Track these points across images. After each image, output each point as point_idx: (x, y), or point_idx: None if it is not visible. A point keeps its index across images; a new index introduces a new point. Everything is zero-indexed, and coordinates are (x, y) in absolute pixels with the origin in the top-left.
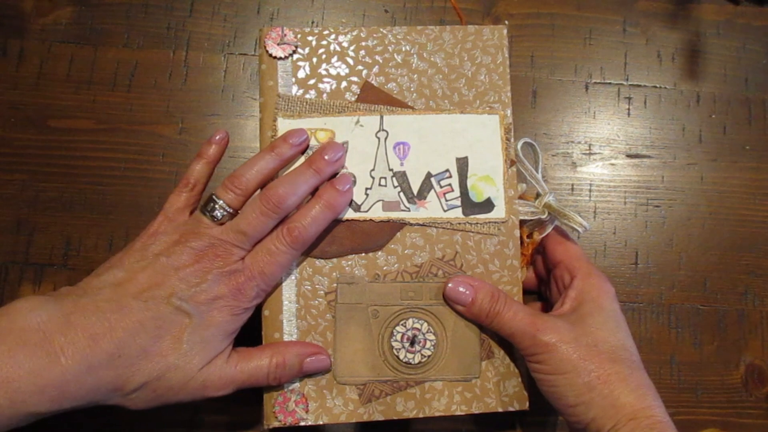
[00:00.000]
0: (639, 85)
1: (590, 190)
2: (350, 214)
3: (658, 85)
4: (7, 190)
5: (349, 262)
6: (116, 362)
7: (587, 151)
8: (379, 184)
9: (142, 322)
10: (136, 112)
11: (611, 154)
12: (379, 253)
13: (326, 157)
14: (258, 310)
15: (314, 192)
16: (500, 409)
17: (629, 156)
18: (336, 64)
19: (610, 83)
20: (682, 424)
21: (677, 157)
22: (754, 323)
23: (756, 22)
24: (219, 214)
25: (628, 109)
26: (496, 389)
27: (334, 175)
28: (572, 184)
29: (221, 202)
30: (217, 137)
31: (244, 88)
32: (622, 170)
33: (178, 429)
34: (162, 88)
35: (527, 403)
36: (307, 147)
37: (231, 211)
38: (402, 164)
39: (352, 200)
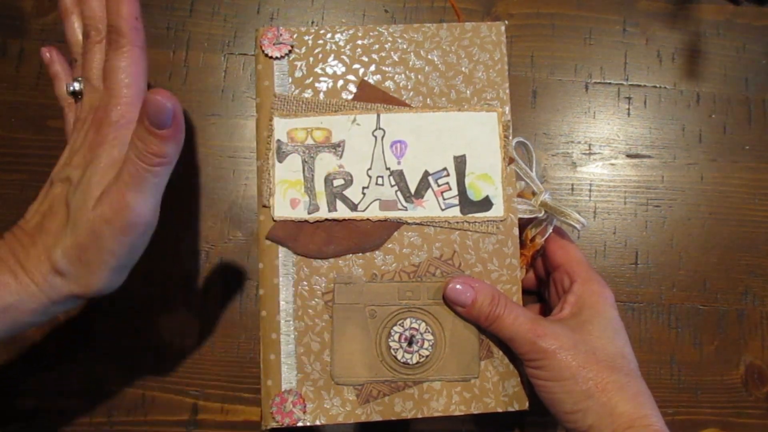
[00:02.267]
0: (639, 85)
1: (590, 190)
2: (347, 213)
3: (658, 85)
4: (7, 190)
5: (347, 262)
6: (36, 251)
7: (587, 151)
8: (376, 183)
9: (42, 211)
10: None
11: (611, 154)
12: (377, 252)
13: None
14: (255, 310)
15: None
16: (499, 410)
17: (629, 156)
18: (332, 63)
19: (610, 83)
20: (682, 424)
21: (677, 157)
22: (754, 323)
23: (756, 22)
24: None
25: (628, 109)
26: (495, 389)
27: None
28: (572, 184)
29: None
30: None
31: (244, 88)
32: (622, 170)
33: (178, 429)
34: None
35: (527, 403)
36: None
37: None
38: (399, 163)
39: (348, 199)
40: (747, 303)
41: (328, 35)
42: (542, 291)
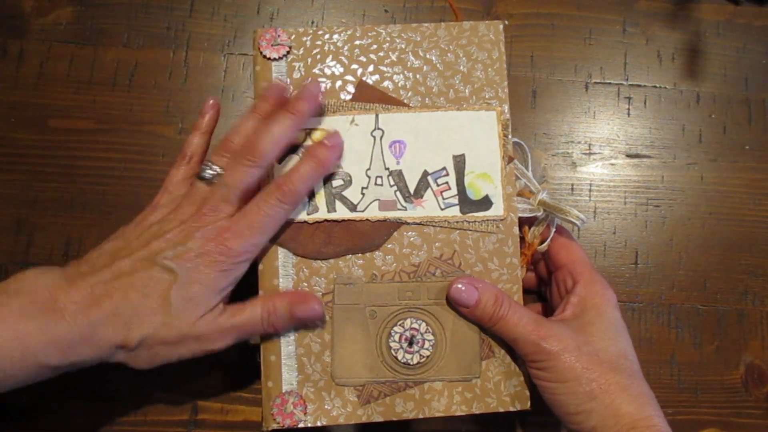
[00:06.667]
0: (639, 85)
1: (590, 190)
2: (347, 213)
3: (658, 85)
4: (7, 190)
5: (347, 263)
6: (114, 320)
7: (587, 151)
8: (375, 184)
9: (132, 282)
10: (136, 112)
11: (611, 154)
12: (377, 252)
13: (303, 99)
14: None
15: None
16: (501, 409)
17: (629, 156)
18: (330, 64)
19: (610, 83)
20: (682, 424)
21: (677, 157)
22: (754, 323)
23: (756, 22)
24: (208, 175)
25: (628, 109)
26: (496, 389)
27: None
28: (572, 184)
29: (214, 165)
30: (209, 104)
31: (244, 88)
32: (622, 170)
33: (178, 429)
34: (162, 88)
35: (529, 403)
36: (287, 97)
37: (221, 171)
38: (398, 163)
39: (347, 200)
40: (747, 303)
41: (326, 36)
42: (543, 290)
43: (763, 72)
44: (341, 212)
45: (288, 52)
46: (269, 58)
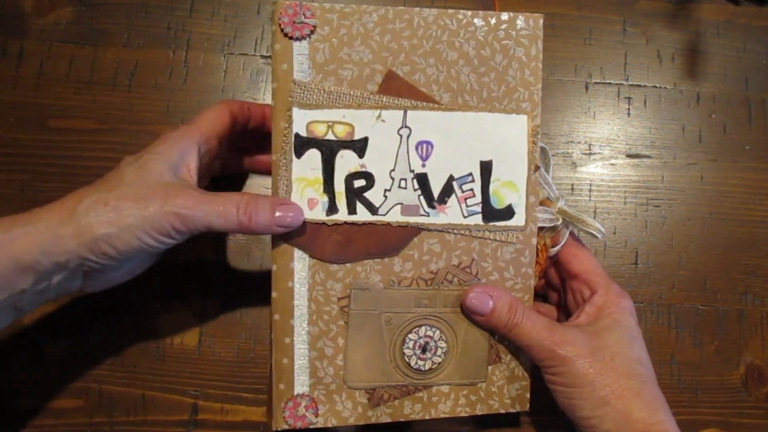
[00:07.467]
0: (639, 85)
1: (590, 190)
2: (367, 216)
3: (658, 85)
4: (7, 190)
5: (364, 267)
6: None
7: (587, 151)
8: (399, 186)
9: None
10: (136, 112)
11: (611, 154)
12: (395, 258)
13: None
14: (256, 310)
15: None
16: (502, 411)
17: (629, 156)
18: (358, 49)
19: (610, 83)
20: (682, 424)
21: (677, 157)
22: (754, 323)
23: (756, 22)
24: None
25: (628, 109)
26: (500, 392)
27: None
28: (572, 184)
29: None
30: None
31: (244, 88)
32: (622, 170)
33: (178, 429)
34: (162, 88)
35: (528, 405)
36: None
37: None
38: (424, 165)
39: (369, 201)
40: (747, 303)
41: (355, 16)
42: (545, 291)
43: (763, 72)
44: (362, 215)
45: (312, 32)
46: (291, 37)
